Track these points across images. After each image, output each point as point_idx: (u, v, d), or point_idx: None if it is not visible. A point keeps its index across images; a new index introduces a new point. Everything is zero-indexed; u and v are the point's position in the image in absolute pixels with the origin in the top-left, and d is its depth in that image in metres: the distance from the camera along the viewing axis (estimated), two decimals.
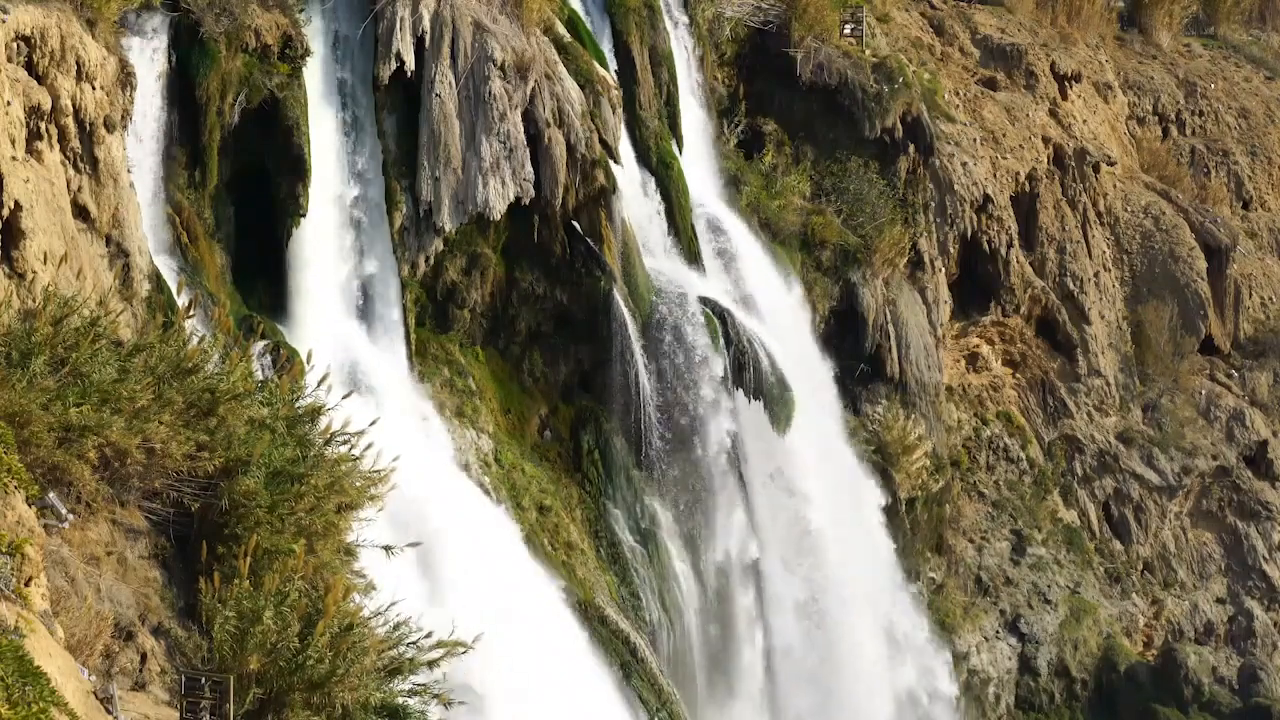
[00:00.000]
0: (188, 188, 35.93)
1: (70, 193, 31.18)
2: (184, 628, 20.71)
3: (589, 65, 42.38)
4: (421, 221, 39.31)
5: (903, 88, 50.79)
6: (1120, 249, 60.51)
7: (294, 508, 21.56)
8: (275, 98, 36.72)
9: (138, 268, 32.61)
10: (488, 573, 34.88)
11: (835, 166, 50.74)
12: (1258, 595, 57.91)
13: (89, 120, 31.63)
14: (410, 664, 21.34)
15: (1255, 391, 61.04)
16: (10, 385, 19.89)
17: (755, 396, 43.65)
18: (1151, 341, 59.20)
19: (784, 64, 50.46)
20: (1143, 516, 56.96)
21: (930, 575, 51.28)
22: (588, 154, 40.86)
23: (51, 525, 19.36)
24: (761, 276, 46.94)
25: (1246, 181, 66.57)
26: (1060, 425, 56.74)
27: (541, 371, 42.00)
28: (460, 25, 39.63)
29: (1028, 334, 56.62)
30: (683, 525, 42.92)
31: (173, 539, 21.66)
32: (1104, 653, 54.02)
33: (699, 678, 42.82)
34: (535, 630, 35.03)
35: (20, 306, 23.17)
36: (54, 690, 15.07)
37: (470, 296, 40.84)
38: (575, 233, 41.35)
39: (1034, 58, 60.77)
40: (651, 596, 41.63)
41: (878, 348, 49.34)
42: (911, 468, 49.55)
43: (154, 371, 21.60)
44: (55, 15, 30.79)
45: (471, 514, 37.31)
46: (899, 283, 50.60)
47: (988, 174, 54.80)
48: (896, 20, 58.80)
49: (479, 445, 39.84)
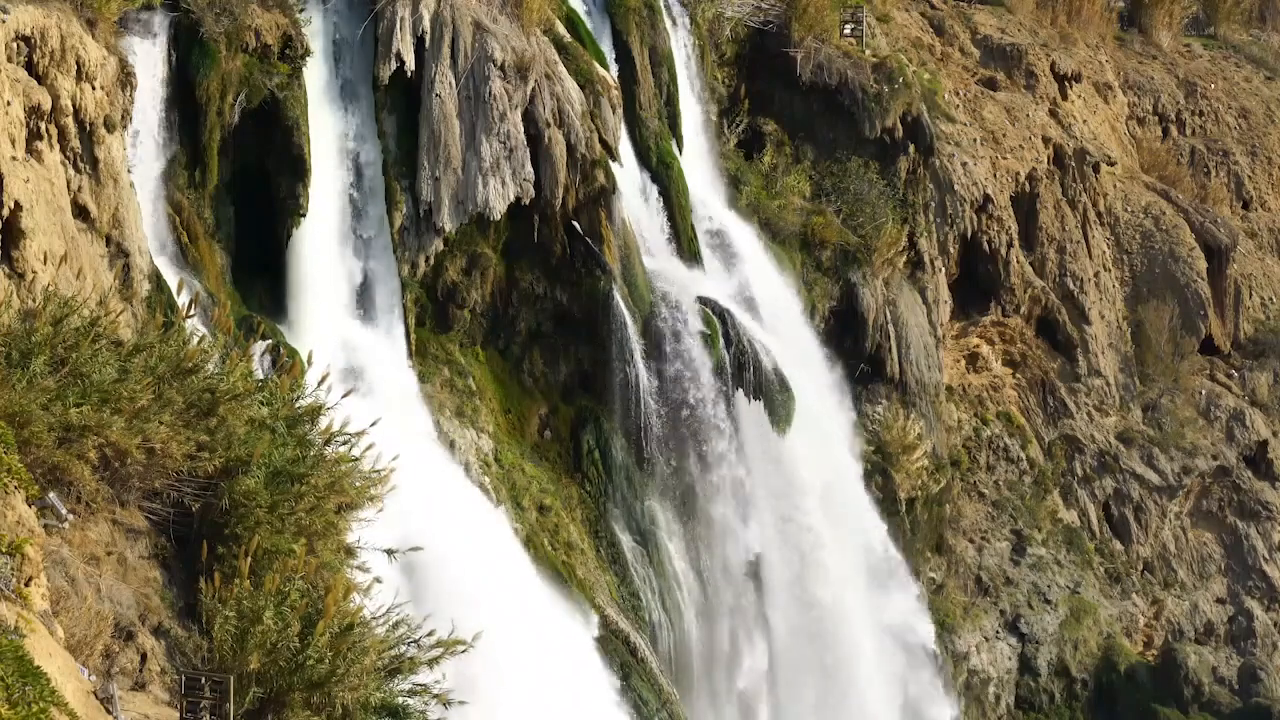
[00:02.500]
0: (188, 188, 35.95)
1: (70, 193, 31.20)
2: (184, 628, 20.68)
3: (589, 65, 42.38)
4: (421, 221, 39.32)
5: (903, 88, 50.78)
6: (1120, 249, 60.50)
7: (294, 508, 21.54)
8: (275, 98, 36.74)
9: (138, 268, 32.62)
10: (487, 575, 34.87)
11: (835, 166, 50.73)
12: (1258, 595, 57.88)
13: (89, 120, 31.65)
14: (410, 664, 21.32)
15: (1255, 391, 61.02)
16: (10, 385, 19.87)
17: (755, 396, 43.64)
18: (1151, 341, 59.18)
19: (784, 64, 50.46)
20: (1143, 516, 56.94)
21: (930, 575, 51.26)
22: (588, 154, 40.86)
23: (51, 525, 19.34)
24: (762, 276, 46.92)
25: (1246, 181, 66.56)
26: (1060, 425, 56.73)
27: (541, 371, 41.99)
28: (460, 25, 39.63)
29: (1028, 334, 56.60)
30: (683, 525, 42.91)
31: (173, 539, 21.64)
32: (1104, 653, 53.99)
33: (699, 678, 42.80)
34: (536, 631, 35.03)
35: (20, 306, 23.14)
36: (54, 690, 15.06)
37: (470, 296, 40.84)
38: (575, 233, 41.34)
39: (1034, 58, 60.77)
40: (651, 596, 41.62)
41: (878, 348, 49.36)
42: (911, 467, 49.54)
43: (154, 371, 21.57)
44: (55, 15, 30.81)
45: (471, 514, 37.31)
46: (899, 283, 50.59)
47: (988, 174, 54.79)
48: (896, 20, 58.79)
49: (479, 445, 39.84)
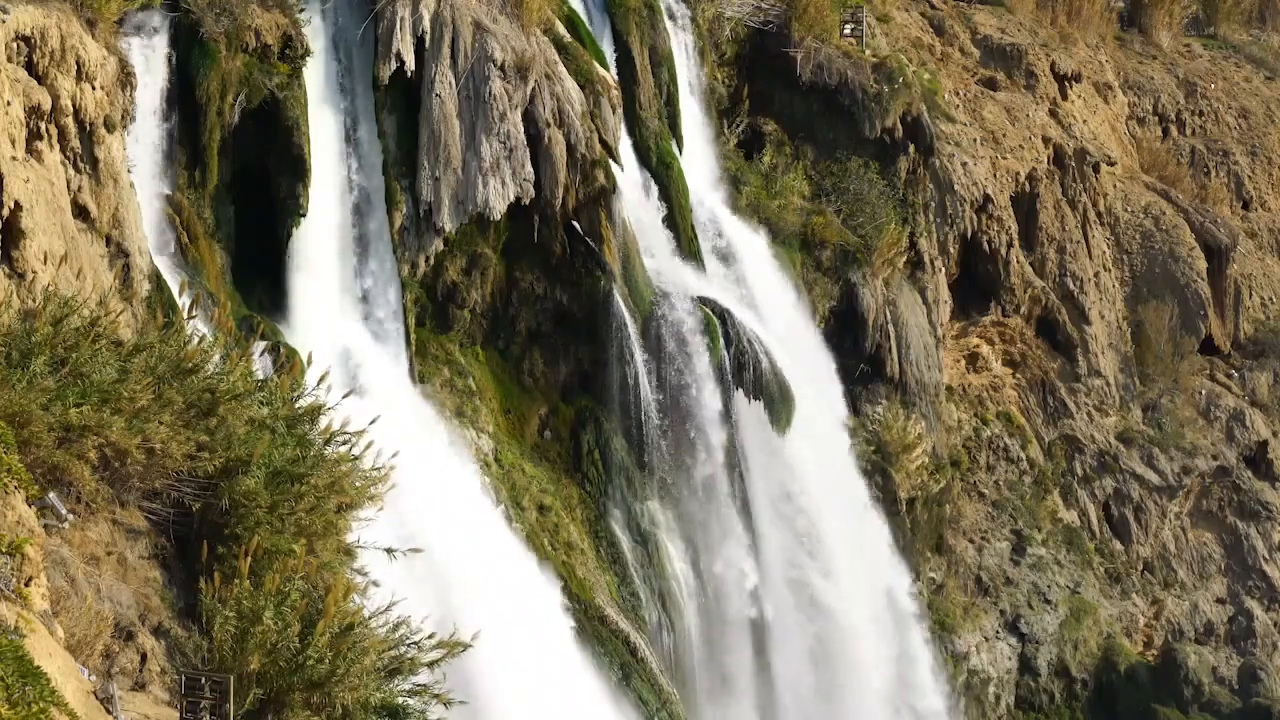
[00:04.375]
0: (188, 188, 35.95)
1: (70, 193, 31.19)
2: (184, 628, 20.68)
3: (589, 65, 42.37)
4: (421, 221, 39.32)
5: (903, 88, 50.77)
6: (1120, 249, 60.48)
7: (294, 508, 21.54)
8: (275, 98, 36.74)
9: (138, 268, 32.62)
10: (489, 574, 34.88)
11: (835, 166, 50.72)
12: (1258, 595, 57.88)
13: (89, 120, 31.64)
14: (410, 664, 21.33)
15: (1255, 391, 61.01)
16: (10, 385, 19.87)
17: (755, 396, 43.63)
18: (1151, 341, 59.17)
19: (784, 64, 50.45)
20: (1143, 516, 56.93)
21: (930, 575, 51.25)
22: (588, 154, 40.86)
23: (51, 525, 19.34)
24: (762, 276, 46.92)
25: (1246, 181, 66.55)
26: (1060, 425, 56.72)
27: (541, 371, 41.99)
28: (460, 25, 39.63)
29: (1028, 334, 56.59)
30: (682, 525, 42.90)
31: (173, 539, 21.64)
32: (1104, 653, 53.98)
33: (699, 678, 42.80)
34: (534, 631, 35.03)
35: (20, 306, 23.14)
36: (54, 690, 15.06)
37: (470, 296, 40.84)
38: (575, 233, 41.34)
39: (1034, 58, 60.76)
40: (651, 596, 41.62)
41: (878, 348, 49.34)
42: (911, 467, 49.54)
43: (154, 371, 21.58)
44: (55, 15, 30.80)
45: (470, 515, 37.31)
46: (899, 283, 50.58)
47: (988, 174, 54.78)
48: (896, 20, 58.78)
49: (479, 445, 39.83)
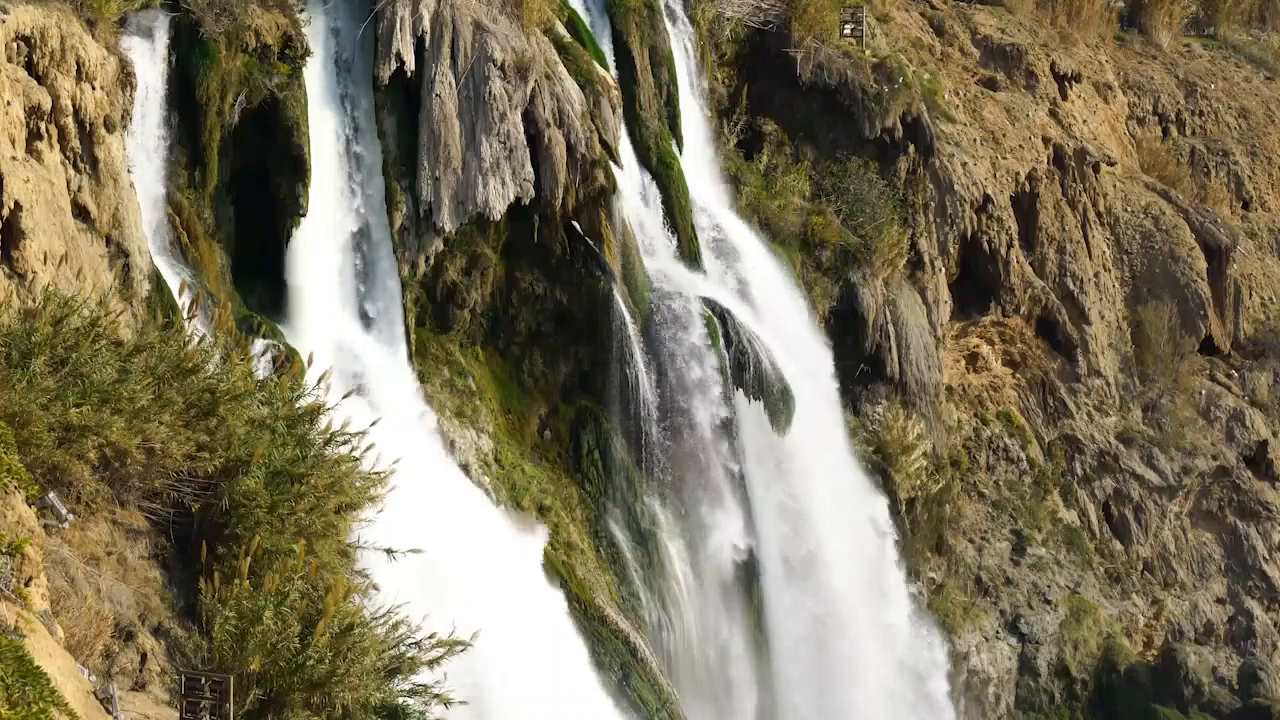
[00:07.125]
0: (188, 188, 35.94)
1: (70, 193, 31.21)
2: (184, 628, 20.70)
3: (589, 65, 42.37)
4: (421, 221, 39.32)
5: (903, 88, 50.76)
6: (1120, 249, 60.48)
7: (294, 508, 21.56)
8: (275, 98, 36.75)
9: (138, 268, 32.64)
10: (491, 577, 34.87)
11: (835, 166, 50.70)
12: (1258, 595, 57.87)
13: (89, 120, 31.66)
14: (410, 664, 21.34)
15: (1255, 391, 60.99)
16: (10, 385, 19.88)
17: (755, 396, 43.63)
18: (1151, 341, 59.14)
19: (784, 64, 50.42)
20: (1143, 516, 56.93)
21: (930, 575, 51.25)
22: (588, 154, 40.87)
23: (51, 525, 19.35)
24: (762, 276, 46.91)
25: (1246, 181, 66.53)
26: (1060, 425, 56.71)
27: (541, 371, 41.99)
28: (460, 25, 39.64)
29: (1028, 334, 56.58)
30: (682, 525, 42.90)
31: (173, 539, 21.65)
32: (1104, 653, 53.96)
33: (699, 678, 42.80)
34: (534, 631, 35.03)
35: (20, 306, 23.15)
36: (54, 690, 15.05)
37: (470, 296, 40.84)
38: (575, 233, 41.35)
39: (1034, 58, 60.74)
40: (651, 596, 41.62)
41: (878, 348, 49.31)
42: (911, 468, 49.51)
43: (154, 372, 21.59)
44: (55, 15, 30.82)
45: (470, 515, 37.31)
46: (899, 283, 50.57)
47: (988, 174, 54.78)
48: (896, 20, 58.76)
49: (479, 445, 39.84)
